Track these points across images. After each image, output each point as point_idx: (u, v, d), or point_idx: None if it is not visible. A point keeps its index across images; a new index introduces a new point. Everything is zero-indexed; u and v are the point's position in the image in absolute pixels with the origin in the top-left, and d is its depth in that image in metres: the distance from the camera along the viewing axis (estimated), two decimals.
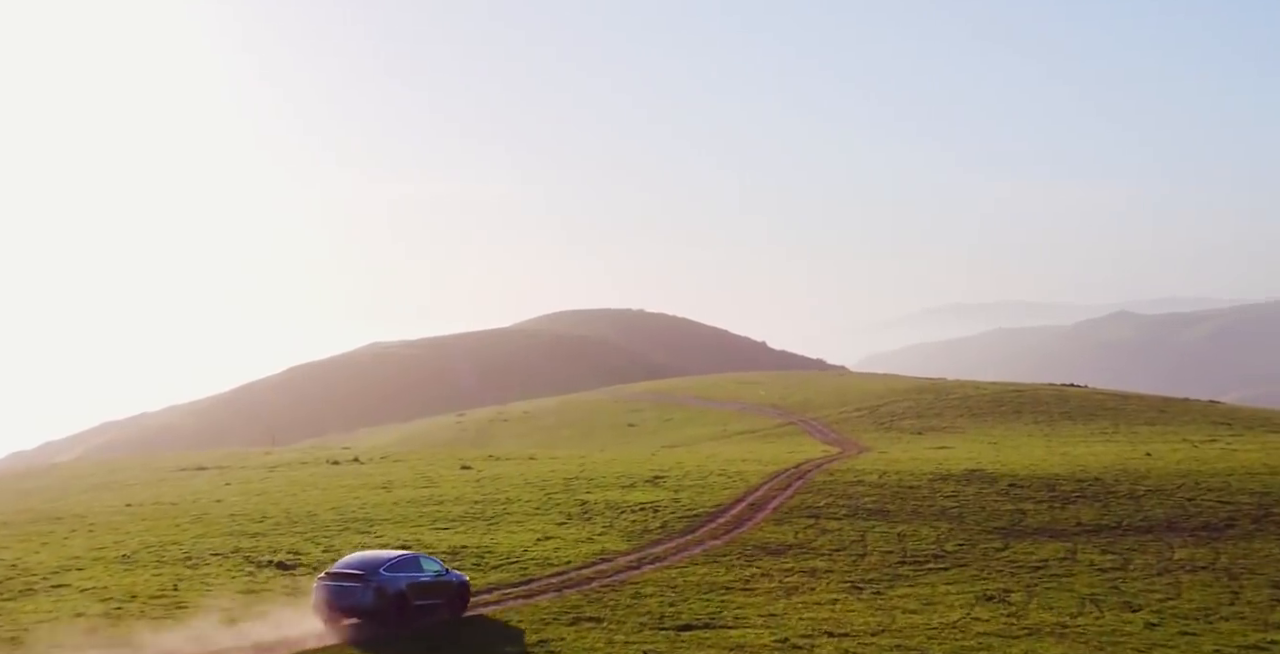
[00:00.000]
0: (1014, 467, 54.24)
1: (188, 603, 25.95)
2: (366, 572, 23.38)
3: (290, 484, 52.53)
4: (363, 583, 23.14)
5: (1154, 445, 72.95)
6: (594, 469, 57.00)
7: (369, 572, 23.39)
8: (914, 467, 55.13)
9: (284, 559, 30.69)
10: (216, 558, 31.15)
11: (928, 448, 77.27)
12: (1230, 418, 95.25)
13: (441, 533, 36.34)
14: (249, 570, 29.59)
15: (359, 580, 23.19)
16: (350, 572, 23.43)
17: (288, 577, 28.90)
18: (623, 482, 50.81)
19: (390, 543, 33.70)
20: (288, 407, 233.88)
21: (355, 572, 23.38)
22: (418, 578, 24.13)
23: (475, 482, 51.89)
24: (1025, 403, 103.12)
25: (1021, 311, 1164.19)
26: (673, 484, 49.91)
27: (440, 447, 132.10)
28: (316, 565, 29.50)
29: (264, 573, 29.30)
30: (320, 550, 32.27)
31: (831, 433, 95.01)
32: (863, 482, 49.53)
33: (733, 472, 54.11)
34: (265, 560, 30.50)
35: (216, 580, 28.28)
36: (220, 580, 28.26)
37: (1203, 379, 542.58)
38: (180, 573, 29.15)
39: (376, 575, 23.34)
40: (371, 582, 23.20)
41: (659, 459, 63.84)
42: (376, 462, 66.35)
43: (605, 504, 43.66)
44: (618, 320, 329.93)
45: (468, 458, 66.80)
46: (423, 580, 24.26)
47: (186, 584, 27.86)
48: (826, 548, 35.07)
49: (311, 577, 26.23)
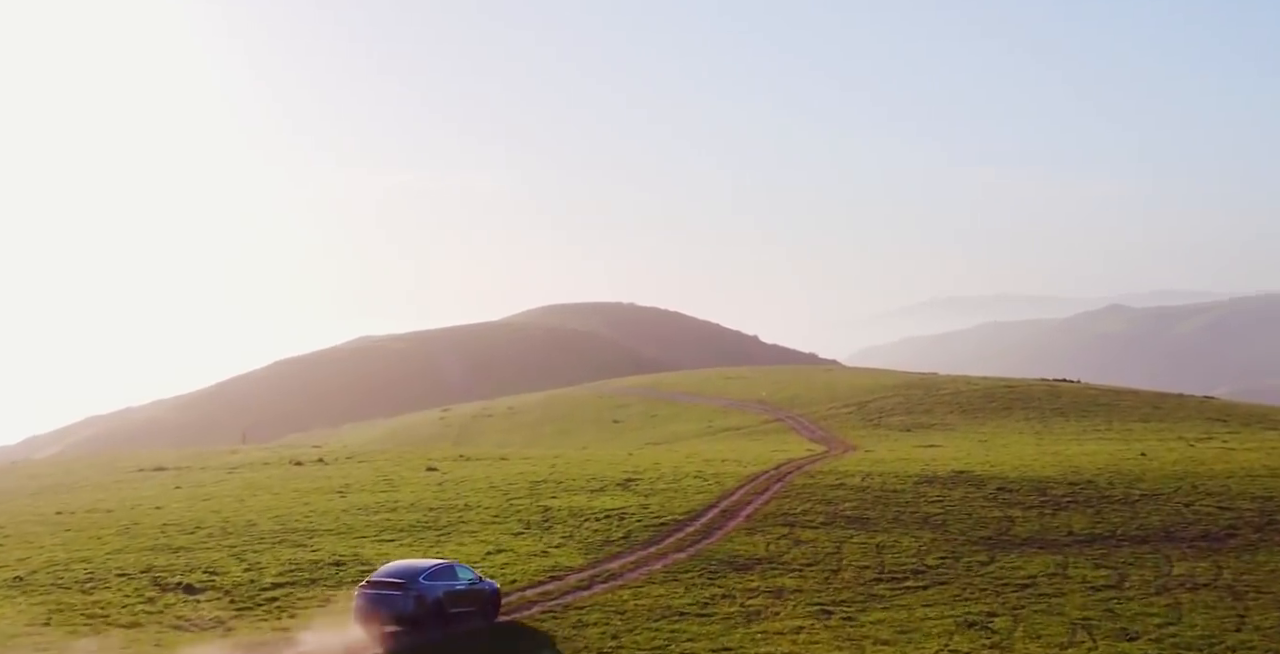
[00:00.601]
0: (1003, 468, 51.81)
1: (48, 645, 22.89)
2: (406, 580, 23.73)
3: (243, 488, 49.88)
4: (403, 591, 23.48)
5: (1148, 444, 70.54)
6: (565, 471, 54.45)
7: (409, 580, 23.75)
8: (899, 467, 52.70)
9: (195, 581, 28.00)
10: (120, 579, 28.44)
11: (916, 446, 74.78)
12: (1226, 414, 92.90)
13: (384, 545, 33.73)
14: (149, 595, 26.90)
15: (399, 589, 23.54)
16: (391, 580, 23.72)
17: (189, 603, 26.25)
18: (592, 485, 48.26)
19: (324, 558, 31.12)
20: (272, 402, 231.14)
21: (396, 580, 23.69)
22: (453, 586, 24.52)
23: (437, 485, 49.29)
24: (1017, 399, 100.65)
25: (1015, 305, 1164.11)
26: (644, 487, 47.40)
27: (418, 444, 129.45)
28: (230, 588, 26.93)
29: (165, 598, 26.62)
30: (242, 569, 29.56)
31: (818, 430, 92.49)
32: (844, 485, 47.08)
33: (710, 474, 51.64)
34: (173, 582, 27.80)
35: (103, 610, 25.59)
36: (108, 610, 25.57)
37: (1196, 372, 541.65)
38: (66, 601, 26.38)
39: (416, 584, 23.74)
40: (411, 590, 23.57)
41: (635, 459, 61.28)
42: (342, 462, 63.72)
43: (569, 511, 41.09)
44: (608, 314, 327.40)
45: (437, 458, 64.19)
46: (458, 588, 24.62)
47: (64, 616, 25.06)
48: (798, 562, 32.48)
49: (220, 601, 23.77)
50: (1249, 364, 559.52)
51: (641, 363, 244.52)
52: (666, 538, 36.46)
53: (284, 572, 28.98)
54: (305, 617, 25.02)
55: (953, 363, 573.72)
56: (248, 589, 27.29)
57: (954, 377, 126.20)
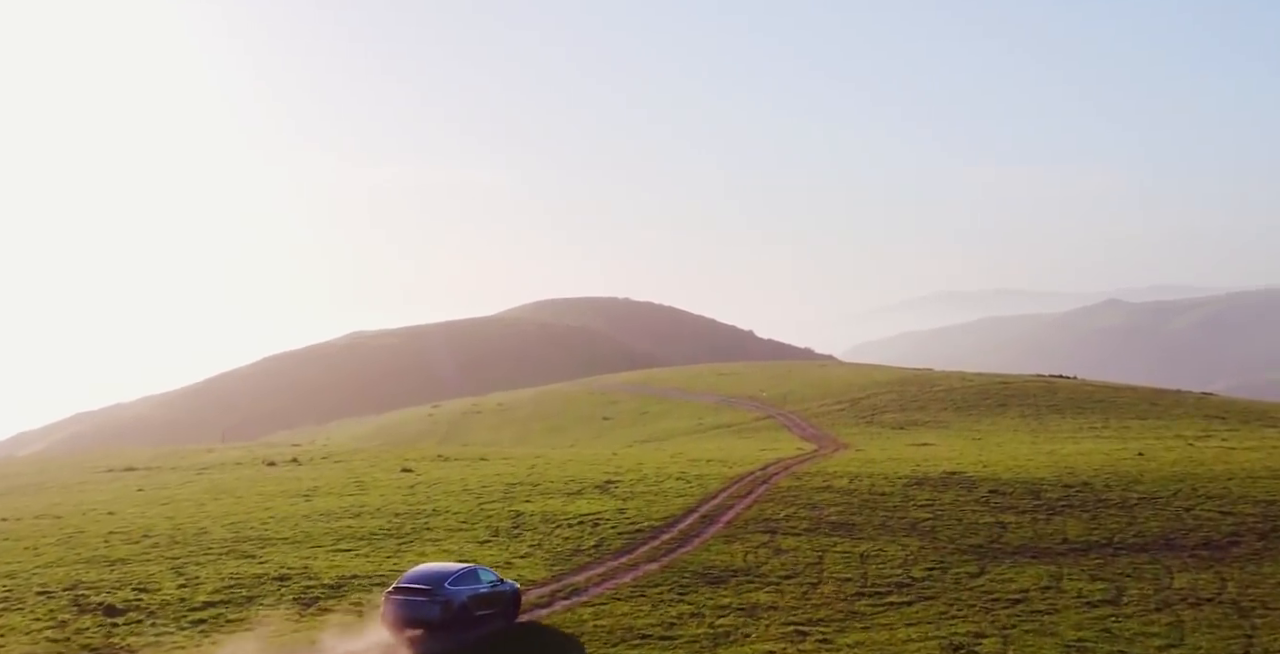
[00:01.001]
0: (996, 468, 50.04)
1: None
2: (433, 586, 24.16)
3: (207, 491, 47.98)
4: (429, 597, 23.91)
5: (1146, 442, 68.75)
6: (544, 472, 52.62)
7: (435, 585, 24.17)
8: (889, 468, 50.95)
9: (120, 600, 25.83)
10: (40, 598, 26.37)
11: (908, 444, 72.98)
12: (1224, 411, 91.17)
13: (338, 556, 31.76)
14: (63, 618, 24.78)
15: (426, 594, 23.96)
16: (418, 586, 24.15)
17: (103, 628, 24.21)
18: (570, 488, 46.42)
19: (269, 571, 29.16)
20: (260, 398, 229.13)
21: (422, 586, 24.13)
22: (477, 590, 24.94)
23: (409, 488, 47.41)
24: (1012, 395, 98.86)
25: (1013, 300, 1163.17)
26: (624, 490, 45.58)
27: (404, 442, 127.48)
28: (156, 608, 24.93)
29: (79, 622, 24.50)
30: (176, 585, 27.54)
31: (810, 428, 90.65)
32: (830, 487, 45.28)
33: (693, 475, 49.85)
34: (95, 603, 25.68)
35: (1, 639, 23.52)
36: (8, 639, 23.48)
37: (1193, 367, 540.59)
38: None
39: (442, 589, 24.15)
40: (438, 595, 24.00)
41: (619, 459, 59.45)
42: (317, 462, 61.81)
43: (542, 517, 39.21)
44: (603, 309, 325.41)
45: (415, 458, 62.30)
46: (482, 592, 25.04)
47: None
48: (776, 574, 30.57)
49: (140, 624, 21.85)
50: (1246, 359, 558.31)
51: (635, 358, 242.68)
52: (640, 546, 34.59)
53: (221, 588, 27.00)
54: (223, 644, 22.97)
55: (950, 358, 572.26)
56: (175, 609, 25.21)
57: (949, 373, 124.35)
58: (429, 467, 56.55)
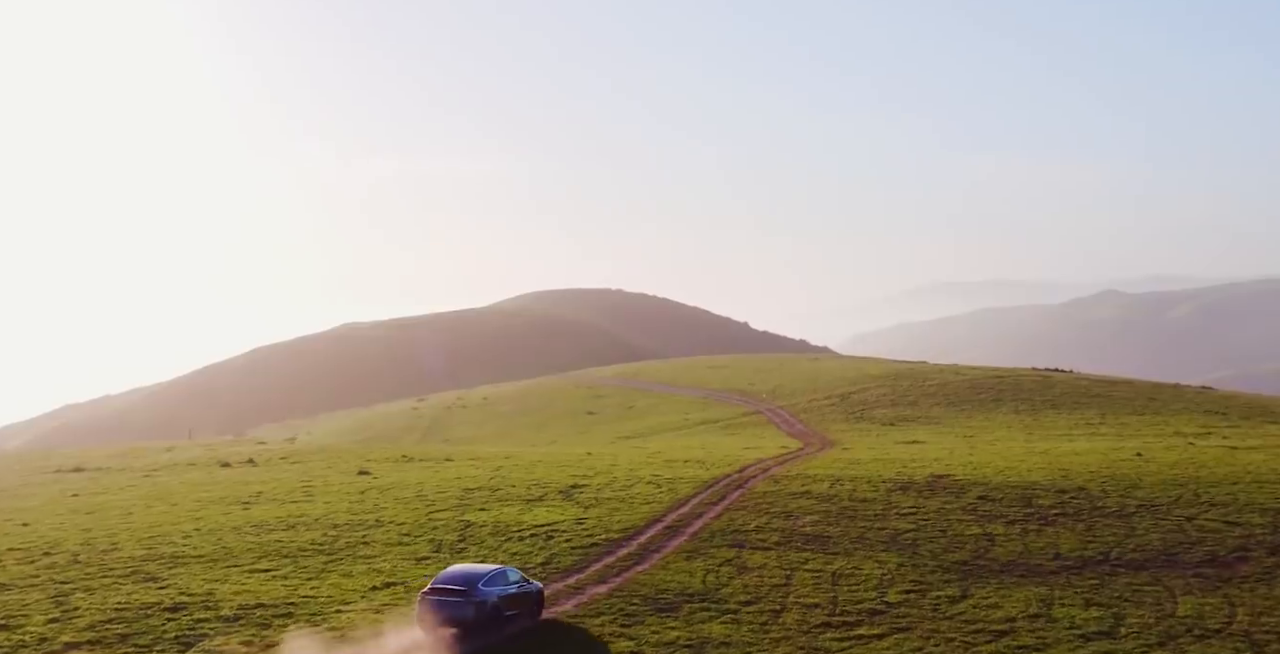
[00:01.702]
0: (986, 471, 47.13)
1: None
2: (467, 586, 24.73)
3: (142, 498, 44.92)
4: (464, 597, 24.46)
5: (1145, 440, 65.86)
6: (509, 475, 49.67)
7: (469, 586, 24.73)
8: (874, 470, 48.06)
9: None
10: None
11: (897, 442, 70.10)
12: (1224, 406, 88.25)
13: (252, 579, 28.65)
14: None
15: (461, 595, 24.52)
16: (452, 587, 24.70)
17: None
18: (532, 493, 43.43)
19: (165, 599, 26.04)
20: (249, 390, 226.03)
21: (457, 587, 24.68)
22: (507, 590, 25.49)
23: (359, 494, 44.39)
24: (1006, 389, 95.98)
25: (1010, 290, 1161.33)
26: (589, 497, 42.63)
27: (385, 437, 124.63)
28: (10, 650, 21.78)
29: None
30: (46, 620, 24.08)
31: (797, 424, 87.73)
32: (809, 493, 42.34)
33: (666, 479, 46.97)
34: None
35: None
36: None
37: (1190, 357, 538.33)
38: None
39: (476, 590, 24.69)
40: (472, 596, 24.54)
41: (592, 460, 56.51)
42: (274, 463, 58.78)
43: (493, 528, 36.20)
44: (597, 301, 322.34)
45: (376, 459, 59.29)
46: (511, 592, 25.61)
47: None
48: (736, 599, 27.54)
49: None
50: (1243, 349, 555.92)
51: (627, 350, 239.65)
52: (593, 564, 31.56)
53: (97, 623, 23.84)
54: None
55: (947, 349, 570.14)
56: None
57: (942, 367, 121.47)
58: (388, 469, 53.54)
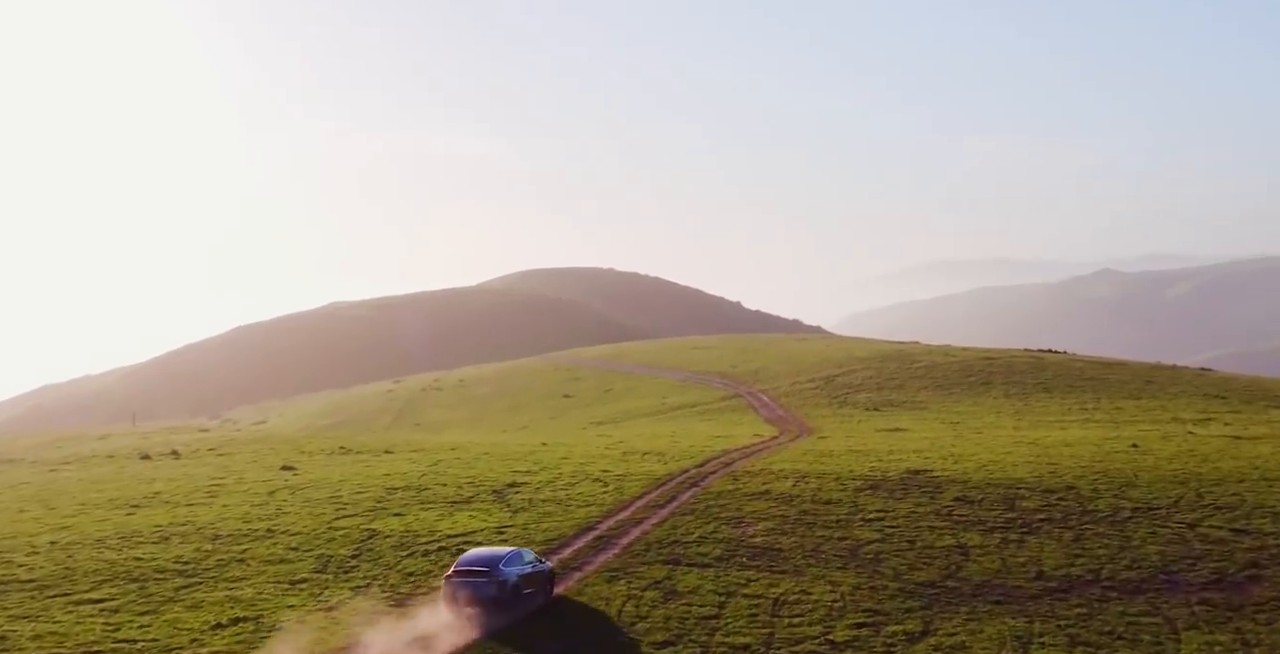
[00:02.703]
0: (967, 465, 42.96)
1: None
2: (490, 567, 25.69)
3: (23, 498, 40.78)
4: (487, 577, 25.41)
5: (1141, 427, 61.61)
6: (446, 470, 45.47)
7: (491, 567, 25.71)
8: (846, 465, 43.90)
9: None
10: None
11: (878, 430, 65.88)
12: (1224, 389, 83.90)
13: (70, 614, 24.12)
14: None
15: (484, 576, 25.47)
16: (476, 568, 25.67)
17: None
18: (463, 493, 39.22)
19: None
20: (229, 370, 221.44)
21: (481, 568, 25.66)
22: (524, 570, 26.39)
23: (267, 495, 40.10)
24: (997, 372, 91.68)
25: (1008, 269, 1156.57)
26: (523, 498, 38.45)
27: (355, 421, 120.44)
28: None
29: None
30: None
31: (777, 409, 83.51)
32: (769, 493, 38.12)
33: (615, 475, 42.87)
34: None
35: None
36: None
37: (1187, 336, 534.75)
38: None
39: (498, 570, 25.62)
40: (495, 576, 25.48)
41: (543, 452, 52.28)
42: (200, 455, 54.43)
43: (399, 539, 31.92)
44: (587, 280, 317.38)
45: (310, 450, 54.97)
46: (527, 572, 26.54)
47: None
48: (650, 640, 23.28)
49: None
50: (1241, 328, 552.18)
51: (616, 330, 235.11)
52: None
53: None
54: None
55: (945, 328, 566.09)
56: None
57: (931, 348, 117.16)
58: (317, 463, 49.18)
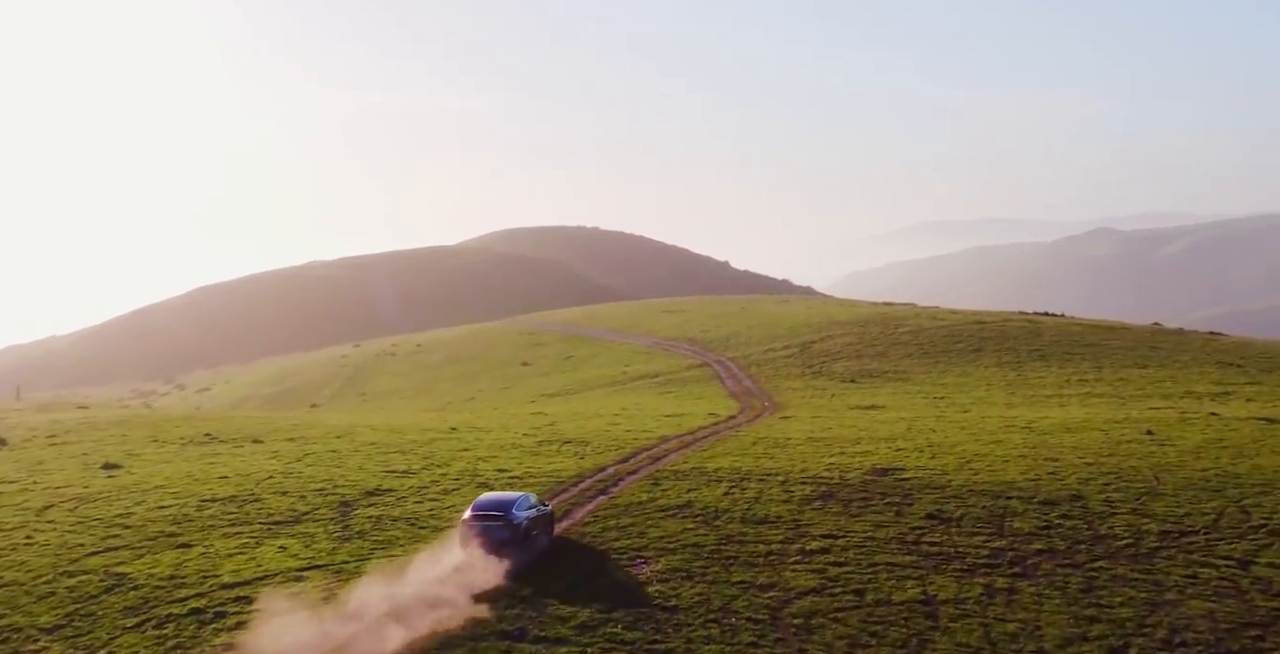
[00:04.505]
0: (948, 461, 34.97)
1: None
2: (503, 511, 26.40)
3: None
4: (502, 521, 26.18)
5: (1152, 405, 53.09)
6: (300, 472, 37.30)
7: (505, 511, 26.43)
8: (799, 460, 36.06)
9: None
10: None
11: (852, 407, 57.37)
12: (1239, 356, 75.22)
13: None
14: None
15: (499, 519, 26.19)
16: (492, 513, 26.30)
17: None
18: (297, 508, 30.97)
19: None
20: (192, 333, 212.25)
21: (495, 513, 26.33)
22: (531, 513, 27.18)
23: (37, 512, 31.65)
24: (989, 338, 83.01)
25: (1001, 228, 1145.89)
26: (372, 514, 30.42)
27: (302, 389, 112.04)
28: None
29: None
30: None
31: (745, 380, 74.91)
32: (690, 506, 30.09)
33: (511, 476, 35.06)
34: None
35: None
36: None
37: (1183, 294, 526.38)
38: None
39: (511, 513, 26.44)
40: (509, 519, 26.26)
41: (442, 442, 43.92)
42: (30, 445, 45.68)
43: (148, 591, 23.50)
44: (569, 238, 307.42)
45: (168, 438, 46.27)
46: (534, 515, 27.21)
47: None
48: None
49: None
50: (1238, 286, 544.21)
51: (595, 291, 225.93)
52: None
53: None
54: None
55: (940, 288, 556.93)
56: None
57: (919, 310, 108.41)
58: (155, 459, 40.47)
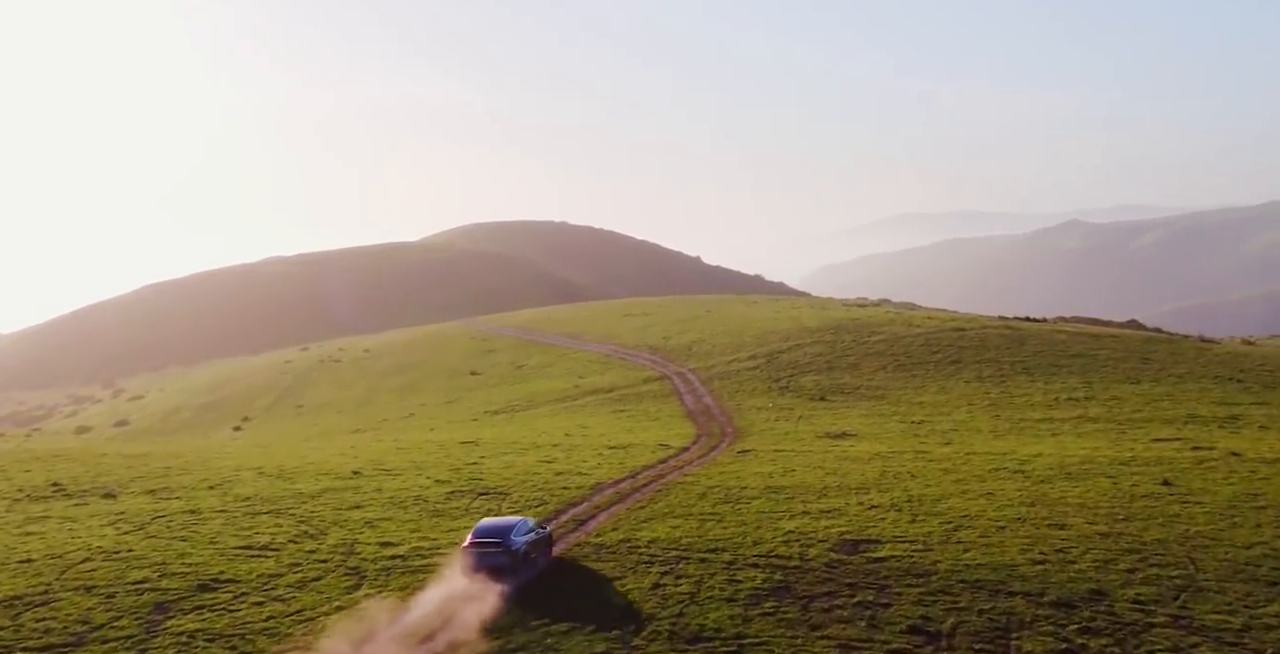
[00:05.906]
0: (930, 527, 28.89)
1: None
2: (502, 537, 26.80)
3: None
4: (501, 547, 26.56)
5: (1155, 437, 47.06)
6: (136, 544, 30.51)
7: (504, 537, 26.81)
8: (751, 527, 30.73)
9: None
10: None
11: (819, 436, 50.97)
12: (1237, 369, 69.53)
13: None
14: None
15: (498, 546, 26.56)
16: (490, 540, 26.69)
17: None
18: (95, 618, 24.05)
19: None
20: (137, 332, 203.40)
21: (494, 539, 26.69)
22: (529, 538, 27.43)
23: None
24: (968, 347, 76.95)
25: (975, 221, 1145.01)
26: (192, 628, 23.59)
27: (233, 399, 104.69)
28: None
29: None
30: None
31: (706, 396, 68.33)
32: (606, 610, 23.78)
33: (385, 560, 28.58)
34: None
35: None
36: None
37: (1155, 287, 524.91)
38: None
39: (509, 539, 26.77)
40: (507, 545, 26.63)
41: (335, 494, 37.38)
42: None
43: None
44: (536, 234, 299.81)
45: (8, 487, 39.13)
46: (532, 539, 27.54)
47: None
48: None
49: None
50: (1210, 278, 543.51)
51: (559, 289, 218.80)
52: None
53: None
54: None
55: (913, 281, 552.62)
56: None
57: (894, 313, 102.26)
58: None
